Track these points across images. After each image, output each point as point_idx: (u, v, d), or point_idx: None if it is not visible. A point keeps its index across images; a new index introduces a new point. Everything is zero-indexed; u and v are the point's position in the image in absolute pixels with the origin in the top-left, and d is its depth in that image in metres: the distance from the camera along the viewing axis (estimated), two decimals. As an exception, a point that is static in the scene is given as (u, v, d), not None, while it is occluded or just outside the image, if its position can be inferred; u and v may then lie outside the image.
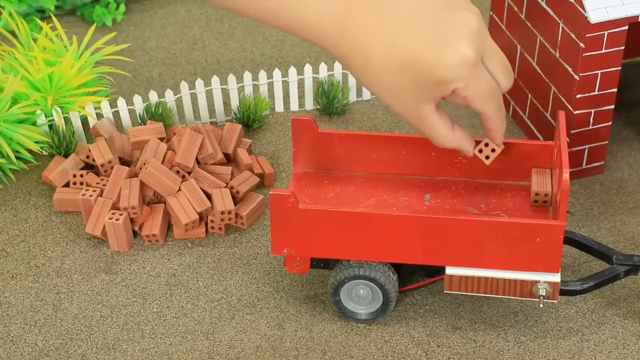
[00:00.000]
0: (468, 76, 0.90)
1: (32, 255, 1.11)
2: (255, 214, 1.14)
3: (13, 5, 1.39)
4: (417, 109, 0.93)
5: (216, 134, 1.20)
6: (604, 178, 1.20)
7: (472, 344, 1.02)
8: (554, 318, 1.04)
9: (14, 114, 1.19)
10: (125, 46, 1.33)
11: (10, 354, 1.01)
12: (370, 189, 1.05)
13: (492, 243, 0.96)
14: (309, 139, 1.05)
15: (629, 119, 1.28)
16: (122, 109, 1.25)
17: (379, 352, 1.01)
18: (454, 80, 0.90)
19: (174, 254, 1.11)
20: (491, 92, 0.93)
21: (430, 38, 0.89)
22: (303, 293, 1.07)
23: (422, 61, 0.89)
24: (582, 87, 1.12)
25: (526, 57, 1.21)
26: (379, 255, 0.99)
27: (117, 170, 1.14)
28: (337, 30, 0.90)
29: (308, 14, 0.89)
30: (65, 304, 1.06)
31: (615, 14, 1.07)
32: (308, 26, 0.90)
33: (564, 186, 0.93)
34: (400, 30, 0.89)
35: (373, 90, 0.93)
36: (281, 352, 1.01)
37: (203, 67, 1.37)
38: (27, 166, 1.22)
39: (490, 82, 0.93)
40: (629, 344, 1.02)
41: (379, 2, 0.90)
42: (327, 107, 1.28)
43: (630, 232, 1.13)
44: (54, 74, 1.23)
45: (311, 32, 0.90)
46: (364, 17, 0.90)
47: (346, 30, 0.90)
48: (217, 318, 1.04)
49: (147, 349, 1.02)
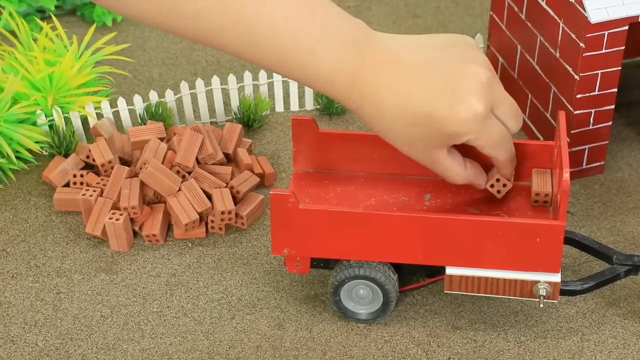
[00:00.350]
0: (479, 128, 0.92)
1: (32, 255, 1.11)
2: (256, 214, 1.14)
3: (13, 5, 1.39)
4: (430, 155, 0.95)
5: (216, 134, 1.20)
6: (604, 178, 1.20)
7: (472, 344, 1.02)
8: (554, 318, 1.04)
9: (14, 114, 1.19)
10: (126, 46, 1.33)
11: (10, 354, 1.01)
12: (370, 189, 1.05)
13: (492, 243, 0.96)
14: (309, 138, 1.05)
15: (629, 119, 1.28)
16: (122, 109, 1.25)
17: (379, 352, 1.01)
18: (465, 133, 0.92)
19: (174, 254, 1.11)
20: (501, 139, 0.95)
21: (441, 92, 0.91)
22: (303, 293, 1.07)
23: (434, 116, 0.91)
24: (582, 87, 1.12)
25: (526, 57, 1.21)
26: (379, 255, 0.99)
27: (117, 170, 1.14)
28: (349, 83, 0.92)
29: (321, 67, 0.91)
30: (65, 304, 1.06)
31: (616, 14, 1.07)
32: (322, 79, 0.92)
33: (564, 186, 0.93)
34: (411, 83, 0.91)
35: (386, 138, 0.95)
36: (281, 352, 1.01)
37: (203, 67, 1.37)
38: (27, 166, 1.22)
39: (500, 130, 0.95)
40: (629, 344, 1.02)
41: (389, 55, 0.92)
42: (327, 107, 1.28)
43: (630, 232, 1.13)
44: (54, 74, 1.23)
45: (324, 85, 0.92)
46: (375, 70, 0.91)
47: (358, 83, 0.92)
48: (217, 318, 1.04)
49: (147, 349, 1.02)
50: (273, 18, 0.88)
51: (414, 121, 0.92)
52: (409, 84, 0.91)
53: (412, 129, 0.92)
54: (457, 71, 0.92)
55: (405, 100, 0.91)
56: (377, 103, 0.92)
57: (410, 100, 0.91)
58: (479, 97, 0.91)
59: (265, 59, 0.91)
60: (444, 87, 0.91)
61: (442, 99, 0.91)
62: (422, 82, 0.91)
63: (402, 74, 0.91)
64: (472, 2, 1.49)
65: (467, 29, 1.44)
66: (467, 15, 1.46)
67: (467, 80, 0.91)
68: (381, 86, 0.92)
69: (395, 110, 0.92)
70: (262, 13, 0.88)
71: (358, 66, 0.91)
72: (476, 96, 0.91)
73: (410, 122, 0.92)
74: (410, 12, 1.47)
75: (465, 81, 0.91)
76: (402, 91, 0.91)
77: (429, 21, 1.46)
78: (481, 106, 0.91)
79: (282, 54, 0.90)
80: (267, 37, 0.89)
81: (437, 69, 0.92)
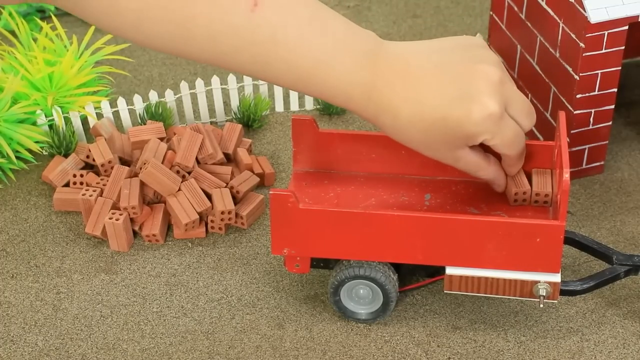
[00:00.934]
0: (494, 128, 0.93)
1: (32, 255, 1.11)
2: (255, 214, 1.14)
3: (13, 5, 1.39)
4: (452, 155, 0.96)
5: (216, 134, 1.20)
6: (604, 178, 1.20)
7: (472, 344, 1.02)
8: (554, 318, 1.04)
9: (14, 114, 1.19)
10: (125, 46, 1.33)
11: (10, 354, 1.01)
12: (370, 189, 1.05)
13: (492, 243, 0.96)
14: (309, 138, 1.05)
15: (629, 119, 1.28)
16: (122, 109, 1.25)
17: (379, 352, 1.01)
18: (481, 133, 0.93)
19: (174, 253, 1.11)
20: (516, 137, 0.96)
21: (455, 95, 0.92)
22: (303, 293, 1.07)
23: (450, 119, 0.92)
24: (582, 87, 1.12)
25: (526, 57, 1.21)
26: (379, 255, 0.99)
27: (117, 170, 1.14)
28: (364, 96, 0.92)
29: (337, 81, 0.91)
30: (65, 303, 1.06)
31: (615, 13, 1.07)
32: (338, 93, 0.92)
33: (564, 186, 0.93)
34: (424, 91, 0.92)
35: (405, 144, 0.96)
36: (281, 352, 1.01)
37: (203, 66, 1.37)
38: (27, 166, 1.22)
39: (514, 129, 0.95)
40: (629, 344, 1.02)
41: (401, 64, 0.92)
42: (327, 107, 1.28)
43: (630, 232, 1.13)
44: (54, 73, 1.23)
45: (341, 98, 0.93)
46: (388, 80, 0.92)
47: (373, 94, 0.92)
48: (217, 318, 1.04)
49: (147, 349, 1.02)
50: (287, 36, 0.88)
51: (431, 127, 0.92)
52: (421, 91, 0.92)
53: (431, 134, 0.93)
54: (468, 73, 0.92)
55: (420, 108, 0.92)
56: (393, 113, 0.93)
57: (425, 107, 0.92)
58: (492, 97, 0.92)
59: (280, 76, 0.91)
60: (456, 90, 0.92)
61: (455, 102, 0.91)
62: (434, 88, 0.92)
63: (414, 82, 0.92)
64: (472, 2, 1.49)
65: (467, 29, 1.44)
66: (467, 15, 1.46)
67: (478, 81, 0.92)
68: (396, 96, 0.92)
69: (411, 119, 0.93)
70: (277, 32, 0.88)
71: (372, 78, 0.92)
72: (489, 96, 0.92)
73: (427, 128, 0.93)
74: (410, 12, 1.47)
75: (477, 82, 0.92)
76: (416, 99, 0.92)
77: (428, 21, 1.46)
78: (495, 105, 0.92)
79: (298, 71, 0.90)
80: (282, 55, 0.89)
81: (448, 73, 0.92)
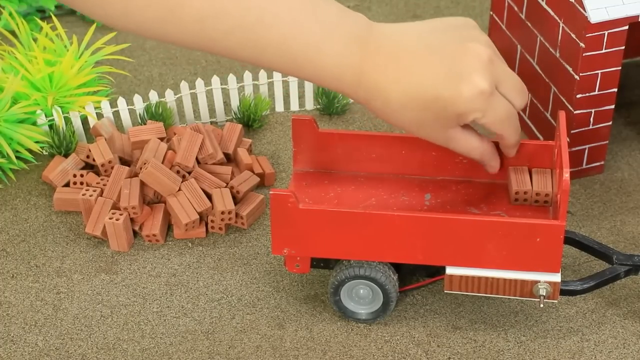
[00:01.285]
0: (485, 106, 0.93)
1: (32, 255, 1.11)
2: (256, 214, 1.14)
3: (13, 5, 1.39)
4: (444, 135, 0.96)
5: (216, 134, 1.20)
6: (604, 178, 1.20)
7: (472, 344, 1.02)
8: (554, 318, 1.04)
9: (14, 114, 1.19)
10: (125, 46, 1.33)
11: (10, 354, 1.01)
12: (370, 189, 1.05)
13: (492, 243, 0.96)
14: (309, 138, 1.05)
15: (629, 119, 1.28)
16: (122, 109, 1.25)
17: (379, 352, 1.01)
18: (472, 111, 0.93)
19: (174, 253, 1.11)
20: (508, 116, 0.96)
21: (445, 74, 0.92)
22: (303, 293, 1.07)
23: (440, 99, 0.92)
24: (582, 87, 1.12)
25: (526, 57, 1.21)
26: (379, 255, 0.99)
27: (117, 170, 1.14)
28: (355, 78, 0.93)
29: (328, 64, 0.92)
30: (65, 303, 1.06)
31: (616, 13, 1.07)
32: (329, 76, 0.92)
33: (564, 186, 0.93)
34: (414, 72, 0.92)
35: (398, 126, 0.96)
36: (281, 352, 1.01)
37: (203, 66, 1.37)
38: (27, 166, 1.22)
39: (506, 107, 0.95)
40: (629, 344, 1.02)
41: (391, 46, 0.93)
42: (327, 107, 1.28)
43: (630, 232, 1.13)
44: (54, 73, 1.23)
45: (331, 81, 0.93)
46: (378, 63, 0.92)
47: (363, 77, 0.93)
48: (217, 318, 1.04)
49: (147, 349, 1.02)
50: (277, 19, 0.89)
51: (422, 106, 0.93)
52: (412, 73, 0.92)
53: (422, 114, 0.93)
54: (457, 52, 0.93)
55: (411, 89, 0.92)
56: (384, 96, 0.93)
57: (416, 88, 0.92)
58: (481, 75, 0.92)
59: (270, 60, 0.91)
60: (446, 70, 0.92)
61: (445, 81, 0.92)
62: (424, 69, 0.92)
63: (405, 63, 0.92)
64: (472, 2, 1.49)
65: (467, 29, 1.44)
66: (467, 15, 1.46)
67: (468, 60, 0.92)
68: (386, 78, 0.92)
69: (402, 100, 0.93)
70: (266, 15, 0.88)
71: (362, 61, 0.92)
72: (479, 74, 0.92)
73: (418, 108, 0.93)
74: (410, 12, 1.48)
75: (467, 60, 0.92)
76: (406, 81, 0.92)
77: (429, 21, 1.46)
78: (485, 83, 0.92)
79: (288, 55, 0.90)
80: (273, 38, 0.89)
81: (438, 53, 0.93)
